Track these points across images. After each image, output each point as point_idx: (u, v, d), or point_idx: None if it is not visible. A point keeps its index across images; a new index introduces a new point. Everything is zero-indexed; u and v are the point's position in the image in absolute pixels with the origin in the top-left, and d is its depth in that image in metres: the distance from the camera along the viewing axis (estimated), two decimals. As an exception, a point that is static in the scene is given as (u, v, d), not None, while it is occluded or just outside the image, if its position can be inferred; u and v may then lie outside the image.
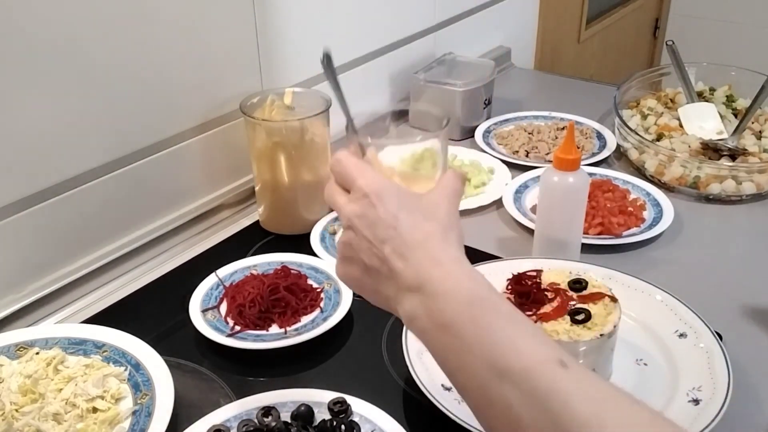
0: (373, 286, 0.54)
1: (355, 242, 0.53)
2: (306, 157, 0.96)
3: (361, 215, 0.53)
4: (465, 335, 0.47)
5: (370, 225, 0.52)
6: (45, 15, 0.76)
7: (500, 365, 0.45)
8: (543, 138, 1.25)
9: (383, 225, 0.52)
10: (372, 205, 0.52)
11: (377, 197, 0.52)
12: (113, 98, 0.86)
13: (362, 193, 0.53)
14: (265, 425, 0.64)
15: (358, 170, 0.54)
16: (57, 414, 0.65)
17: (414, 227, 0.51)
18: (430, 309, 0.49)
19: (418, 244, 0.51)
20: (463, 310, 0.48)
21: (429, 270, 0.50)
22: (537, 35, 1.84)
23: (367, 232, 0.52)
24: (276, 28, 1.05)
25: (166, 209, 0.97)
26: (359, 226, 0.53)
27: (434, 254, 0.51)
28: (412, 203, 0.53)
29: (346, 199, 0.54)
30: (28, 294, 0.83)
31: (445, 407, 0.65)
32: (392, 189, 0.53)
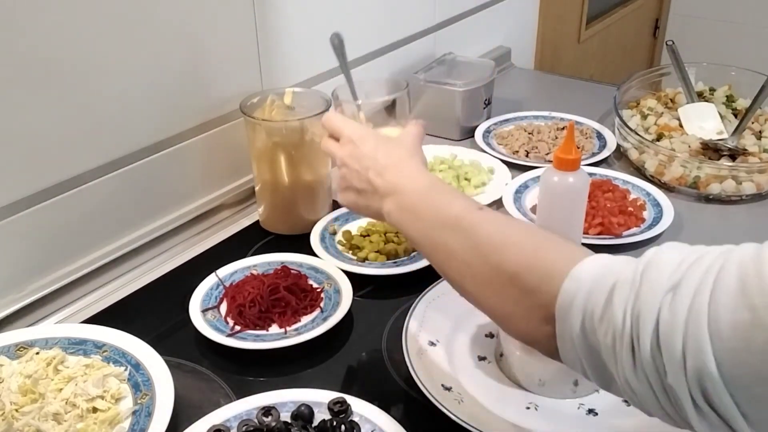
0: (365, 203, 0.71)
1: (348, 174, 0.72)
2: (306, 157, 0.96)
3: (350, 154, 0.72)
4: (422, 211, 0.64)
5: (357, 159, 0.71)
6: (45, 15, 0.76)
7: (441, 219, 0.62)
8: (543, 138, 1.25)
9: (366, 157, 0.70)
10: (357, 146, 0.71)
11: (360, 139, 0.72)
12: (113, 98, 0.86)
13: (349, 138, 0.72)
14: (265, 425, 0.64)
15: (344, 123, 0.75)
16: (57, 414, 0.65)
17: (387, 154, 0.70)
18: (400, 203, 0.66)
19: (392, 164, 0.69)
20: (420, 195, 0.65)
21: (399, 178, 0.67)
22: (537, 35, 1.84)
23: (355, 165, 0.71)
24: (276, 28, 1.05)
25: (166, 209, 0.97)
26: (349, 162, 0.71)
27: (403, 168, 0.68)
28: (385, 141, 0.72)
29: (338, 146, 0.74)
30: (28, 294, 0.83)
31: (445, 407, 0.65)
32: (370, 133, 0.74)
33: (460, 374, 0.73)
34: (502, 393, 0.71)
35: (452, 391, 0.69)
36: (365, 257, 0.92)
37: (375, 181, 0.68)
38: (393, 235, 0.95)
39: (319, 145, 0.95)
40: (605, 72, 2.32)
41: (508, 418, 0.67)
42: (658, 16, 2.75)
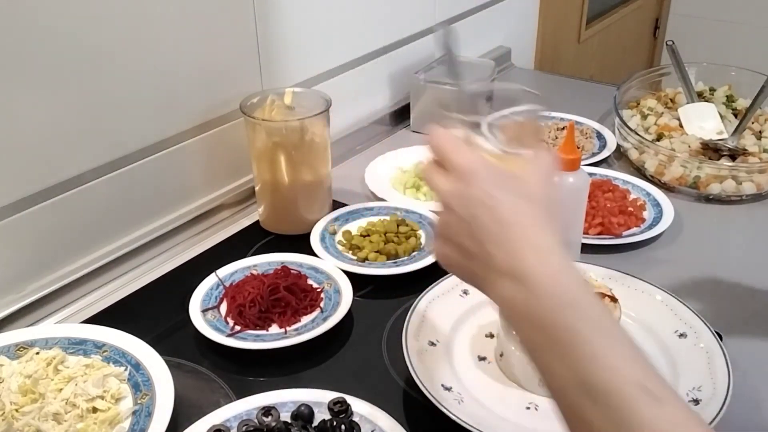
0: (467, 267, 0.52)
1: (451, 222, 0.53)
2: (306, 157, 0.96)
3: (457, 194, 0.52)
4: (555, 337, 0.46)
5: (465, 204, 0.51)
6: (45, 15, 0.76)
7: (586, 379, 0.44)
8: (543, 138, 1.25)
9: (478, 204, 0.50)
10: (467, 184, 0.51)
11: (472, 175, 0.51)
12: (113, 98, 0.86)
13: (457, 171, 0.52)
14: (265, 425, 0.64)
15: (453, 147, 0.53)
16: (57, 414, 0.65)
17: (510, 207, 0.50)
18: (524, 300, 0.48)
19: (514, 226, 0.49)
20: (555, 309, 0.46)
21: (526, 256, 0.48)
22: (537, 35, 1.84)
23: (462, 212, 0.51)
24: (276, 28, 1.05)
25: (166, 209, 0.97)
26: (455, 205, 0.52)
27: (531, 239, 0.49)
28: (507, 182, 0.51)
29: (442, 178, 0.53)
30: (28, 294, 0.83)
31: (445, 407, 0.65)
32: (487, 167, 0.52)
33: (460, 374, 0.73)
34: (502, 393, 0.71)
35: (452, 391, 0.69)
36: (365, 257, 0.92)
37: (488, 244, 0.50)
38: (393, 235, 0.95)
39: (319, 145, 0.96)
40: (605, 72, 2.32)
41: (508, 418, 0.67)
42: (658, 16, 2.74)
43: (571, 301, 0.46)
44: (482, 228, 0.50)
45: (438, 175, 0.54)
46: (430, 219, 0.99)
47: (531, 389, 0.71)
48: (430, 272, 0.89)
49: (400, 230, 0.96)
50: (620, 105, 1.25)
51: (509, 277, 0.49)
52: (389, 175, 1.14)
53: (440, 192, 0.53)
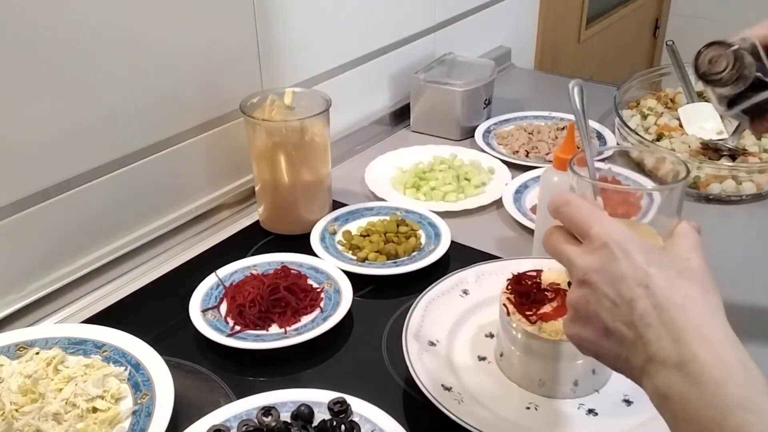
0: (614, 352, 0.47)
1: (594, 300, 0.47)
2: (306, 157, 0.96)
3: (600, 269, 0.46)
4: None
5: (612, 281, 0.46)
6: (44, 15, 0.76)
7: None
8: (543, 138, 1.25)
9: (630, 282, 0.45)
10: (614, 258, 0.46)
11: (620, 249, 0.46)
12: (113, 98, 0.86)
13: (601, 242, 0.46)
14: (265, 425, 0.64)
15: (593, 216, 0.48)
16: (57, 414, 0.65)
17: (670, 287, 0.44)
18: (688, 396, 0.42)
19: (677, 309, 0.44)
20: (729, 412, 0.40)
21: (693, 346, 0.42)
22: (537, 35, 1.84)
23: (608, 290, 0.46)
24: (276, 28, 1.05)
25: (166, 209, 0.97)
26: (599, 282, 0.46)
27: (698, 325, 0.43)
28: (660, 257, 0.46)
29: (578, 249, 0.48)
30: (28, 294, 0.83)
31: (445, 407, 0.65)
32: (636, 239, 0.46)
33: (460, 374, 0.73)
34: (502, 393, 0.71)
35: (452, 391, 0.69)
36: (365, 257, 0.92)
37: (645, 329, 0.44)
38: (393, 235, 0.95)
39: (319, 145, 0.96)
40: (605, 72, 2.32)
41: (508, 418, 0.67)
42: (658, 16, 2.75)
43: (745, 403, 0.40)
44: (637, 311, 0.44)
45: (569, 244, 0.49)
46: (429, 219, 0.99)
47: (531, 389, 0.71)
48: (430, 272, 0.89)
49: (400, 230, 0.96)
50: (620, 105, 1.25)
51: (672, 368, 0.43)
52: (389, 175, 1.14)
53: (577, 266, 0.48)
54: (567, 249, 0.49)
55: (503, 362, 0.74)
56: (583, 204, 0.49)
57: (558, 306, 0.70)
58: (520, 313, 0.70)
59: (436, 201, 1.07)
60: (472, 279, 0.84)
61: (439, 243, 0.94)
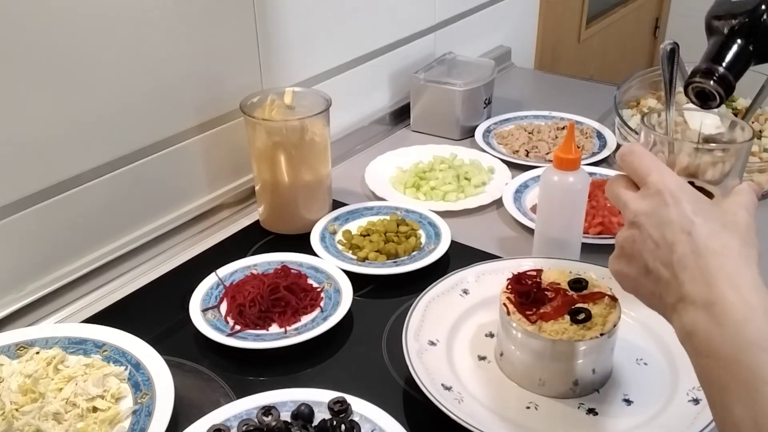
0: (650, 289, 0.51)
1: (639, 241, 0.51)
2: (306, 157, 0.96)
3: (651, 213, 0.50)
4: (740, 378, 0.43)
5: (659, 225, 0.50)
6: (45, 15, 0.76)
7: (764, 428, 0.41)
8: (543, 138, 1.25)
9: (675, 227, 0.49)
10: (665, 204, 0.50)
11: (672, 196, 0.50)
12: (113, 98, 0.86)
13: (656, 189, 0.50)
14: (265, 425, 0.64)
15: (653, 165, 0.52)
16: (57, 413, 0.65)
17: (711, 236, 0.48)
18: (711, 334, 0.45)
19: (713, 256, 0.47)
20: (747, 351, 0.43)
21: (722, 289, 0.45)
22: (537, 35, 1.84)
23: (654, 232, 0.50)
24: (276, 27, 1.05)
25: (166, 209, 0.97)
26: (647, 224, 0.50)
27: (730, 272, 0.46)
28: (709, 209, 0.49)
29: (634, 194, 0.53)
30: (28, 294, 0.83)
31: (445, 407, 0.65)
32: (688, 190, 0.50)
33: (460, 374, 0.73)
34: (502, 393, 0.71)
35: (452, 391, 0.69)
36: (365, 257, 0.92)
37: (680, 271, 0.48)
38: (393, 234, 0.95)
39: (319, 145, 0.96)
40: (605, 72, 2.32)
41: (508, 418, 0.67)
42: (658, 16, 2.75)
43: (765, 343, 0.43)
44: (676, 254, 0.48)
45: (628, 190, 0.53)
46: (429, 218, 0.99)
47: (531, 389, 0.71)
48: (430, 272, 0.89)
49: (400, 230, 0.96)
50: (620, 104, 1.25)
51: (700, 307, 0.46)
52: (389, 174, 1.14)
53: (631, 208, 0.52)
54: (624, 193, 0.53)
55: (503, 362, 0.74)
56: (646, 154, 0.53)
57: (558, 306, 0.70)
58: (520, 313, 0.69)
59: (436, 201, 1.07)
60: (472, 279, 0.84)
61: (439, 243, 0.94)
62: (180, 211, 0.99)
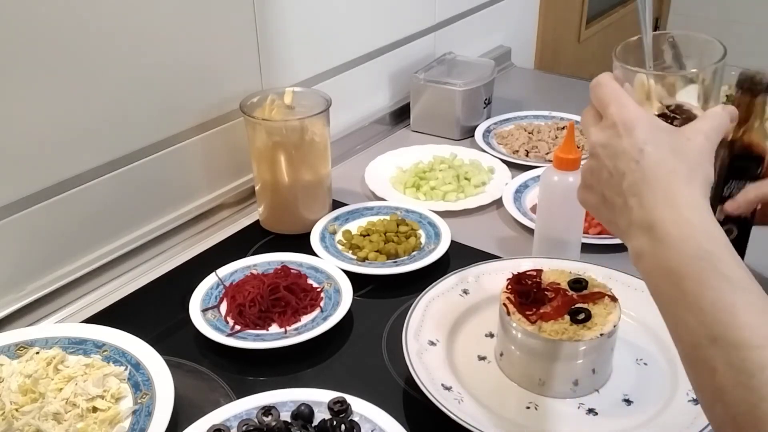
0: (608, 216, 0.54)
1: (596, 171, 0.53)
2: (306, 157, 0.96)
3: (605, 144, 0.52)
4: (685, 289, 0.45)
5: (612, 155, 0.51)
6: (45, 15, 0.76)
7: (714, 331, 0.43)
8: (543, 138, 1.25)
9: (626, 157, 0.50)
10: (618, 135, 0.51)
11: (625, 127, 0.51)
12: (113, 98, 0.86)
13: (611, 121, 0.52)
14: (265, 425, 0.64)
15: (613, 96, 0.53)
16: (57, 413, 0.65)
17: (657, 163, 0.49)
18: (655, 252, 0.48)
19: (658, 181, 0.49)
20: (688, 263, 0.46)
21: (661, 211, 0.48)
22: (537, 35, 1.84)
23: (608, 162, 0.52)
24: (276, 28, 1.05)
25: (166, 209, 0.97)
26: (602, 155, 0.52)
27: (672, 195, 0.48)
28: (661, 137, 0.51)
29: (596, 126, 0.54)
30: (28, 294, 0.83)
31: (445, 407, 0.65)
32: (644, 120, 0.51)
33: (460, 374, 0.73)
34: (502, 393, 0.71)
35: (452, 391, 0.69)
36: (365, 257, 0.92)
37: (629, 198, 0.50)
38: (393, 234, 0.95)
39: (319, 144, 0.96)
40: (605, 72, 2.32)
41: (508, 418, 0.67)
42: (658, 16, 2.74)
43: (701, 253, 0.45)
44: (626, 182, 0.50)
45: (593, 122, 0.54)
46: (429, 218, 0.99)
47: (531, 389, 0.71)
48: (430, 272, 0.89)
49: (400, 230, 0.96)
50: (620, 105, 1.25)
51: (643, 230, 0.49)
52: (389, 174, 1.14)
53: (591, 140, 0.54)
54: (589, 125, 0.55)
55: (503, 362, 0.74)
56: (610, 86, 0.54)
57: (558, 306, 0.70)
58: (520, 313, 0.69)
59: (436, 200, 1.07)
60: (472, 279, 0.84)
61: (439, 243, 0.94)
62: (180, 211, 0.99)
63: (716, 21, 2.64)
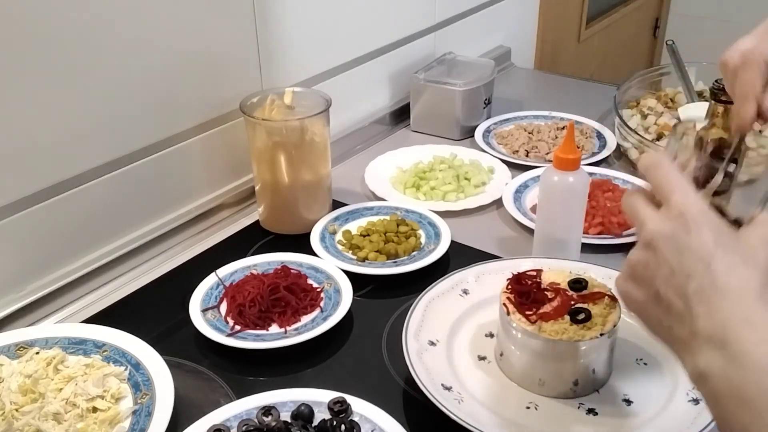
0: (658, 318, 0.48)
1: (653, 264, 0.48)
2: (306, 157, 0.96)
3: (670, 237, 0.47)
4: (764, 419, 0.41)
5: (678, 251, 0.46)
6: (45, 15, 0.76)
7: None
8: (543, 138, 1.25)
9: (694, 256, 0.45)
10: (687, 230, 0.46)
11: (695, 222, 0.46)
12: (113, 98, 0.86)
13: (678, 211, 0.47)
14: (265, 425, 0.64)
15: (678, 184, 0.48)
16: (57, 414, 0.65)
17: (730, 270, 0.45)
18: (729, 375, 0.43)
19: (731, 292, 0.44)
20: None
21: (738, 327, 0.43)
22: (537, 35, 1.84)
23: (671, 258, 0.46)
24: (276, 28, 1.05)
25: (166, 209, 0.97)
26: (664, 248, 0.47)
27: (748, 310, 0.44)
28: (730, 241, 0.46)
29: (654, 213, 0.49)
30: (28, 294, 0.83)
31: (445, 407, 0.65)
32: (712, 218, 0.47)
33: (460, 374, 0.73)
34: (502, 393, 0.71)
35: (452, 391, 0.69)
36: (365, 257, 0.92)
37: (695, 304, 0.45)
38: (393, 234, 0.95)
39: (319, 145, 0.96)
40: (605, 72, 2.32)
41: (508, 418, 0.67)
42: (658, 16, 2.74)
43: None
44: (693, 285, 0.45)
45: (648, 208, 0.49)
46: (429, 219, 0.99)
47: (531, 389, 0.71)
48: (430, 272, 0.89)
49: (400, 230, 0.96)
50: (620, 105, 1.25)
51: (714, 346, 0.43)
52: (389, 174, 1.14)
53: (648, 228, 0.48)
54: (643, 209, 0.49)
55: (503, 362, 0.74)
56: (673, 170, 0.49)
57: (558, 306, 0.70)
58: (520, 313, 0.70)
59: (436, 201, 1.07)
60: (472, 279, 0.84)
61: (439, 243, 0.94)
62: (180, 211, 0.99)
63: (716, 21, 2.64)
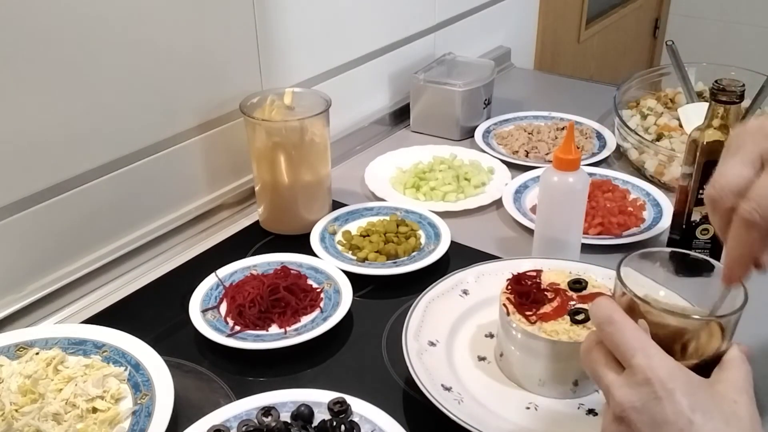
0: None
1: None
2: (306, 157, 0.96)
3: (641, 409, 0.42)
4: None
5: (652, 424, 0.42)
6: (45, 15, 0.76)
7: None
8: (543, 138, 1.25)
9: (672, 429, 0.41)
10: (657, 399, 0.42)
11: (664, 389, 0.42)
12: (113, 98, 0.86)
13: (643, 377, 0.42)
14: (265, 425, 0.64)
15: (638, 343, 0.44)
16: (57, 414, 0.65)
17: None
18: None
19: None
20: None
21: None
22: (537, 35, 1.84)
23: None
24: (276, 28, 1.05)
25: (166, 209, 0.97)
26: (637, 422, 0.42)
27: None
28: (705, 400, 0.42)
29: (617, 378, 0.44)
30: (28, 294, 0.83)
31: (445, 407, 0.65)
32: (681, 377, 0.43)
33: (460, 374, 0.73)
34: (502, 393, 0.71)
35: (452, 391, 0.69)
36: (365, 257, 0.92)
37: None
38: (393, 235, 0.95)
39: (319, 145, 0.96)
40: (605, 72, 2.32)
41: (508, 418, 0.67)
42: (658, 16, 2.75)
43: None
44: None
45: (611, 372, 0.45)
46: (429, 219, 0.99)
47: (531, 389, 0.71)
48: (430, 272, 0.89)
49: (400, 230, 0.96)
50: (620, 105, 1.25)
51: None
52: (389, 175, 1.14)
53: (615, 398, 0.44)
54: (606, 375, 0.45)
55: (503, 362, 0.74)
56: (628, 326, 0.44)
57: (558, 306, 0.70)
58: (520, 313, 0.70)
59: (435, 201, 1.07)
60: (472, 279, 0.84)
61: (439, 243, 0.94)
62: (180, 212, 0.99)
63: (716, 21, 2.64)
